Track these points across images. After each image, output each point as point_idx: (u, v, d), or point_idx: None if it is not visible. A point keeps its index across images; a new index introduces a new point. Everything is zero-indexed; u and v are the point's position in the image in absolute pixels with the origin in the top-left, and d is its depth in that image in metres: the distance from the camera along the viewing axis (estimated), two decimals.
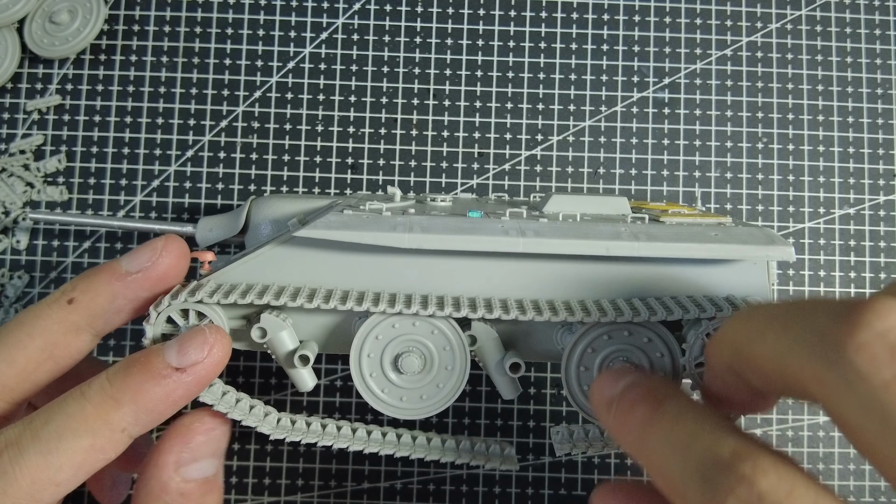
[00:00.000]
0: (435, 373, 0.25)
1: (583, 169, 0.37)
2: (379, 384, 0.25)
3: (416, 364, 0.24)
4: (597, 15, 0.38)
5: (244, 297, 0.24)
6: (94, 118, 0.37)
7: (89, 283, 0.24)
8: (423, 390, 0.25)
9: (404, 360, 0.24)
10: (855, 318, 0.15)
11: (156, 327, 0.24)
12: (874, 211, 0.37)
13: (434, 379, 0.25)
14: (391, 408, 0.25)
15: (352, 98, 0.37)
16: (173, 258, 0.24)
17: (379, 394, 0.25)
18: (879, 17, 0.38)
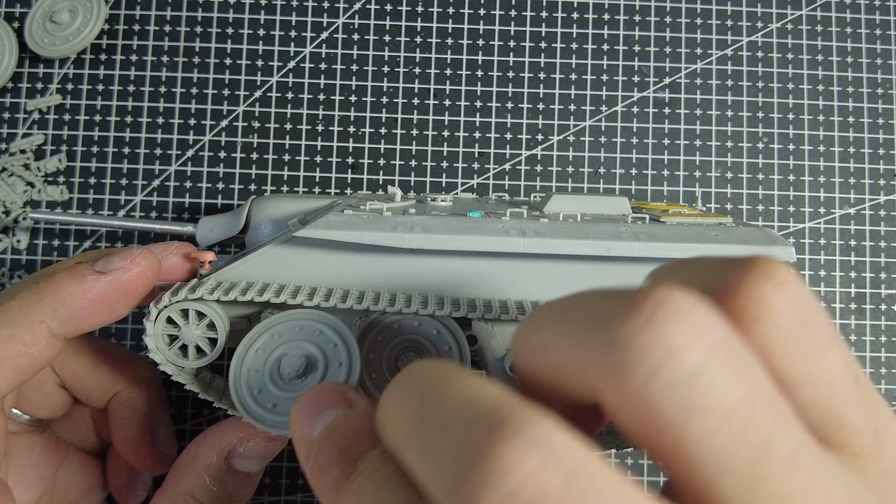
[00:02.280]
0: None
1: (583, 169, 0.37)
2: (377, 386, 0.25)
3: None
4: (597, 15, 0.38)
5: (244, 295, 0.24)
6: (94, 118, 0.37)
7: (61, 273, 0.25)
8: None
9: (403, 361, 0.24)
10: (478, 476, 0.13)
11: (156, 326, 0.24)
12: (874, 211, 0.37)
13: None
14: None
15: (352, 98, 0.37)
16: (143, 268, 0.24)
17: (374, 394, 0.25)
18: (880, 16, 0.38)
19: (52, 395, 0.28)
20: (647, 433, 0.14)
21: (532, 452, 0.13)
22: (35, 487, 0.28)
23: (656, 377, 0.13)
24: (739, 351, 0.14)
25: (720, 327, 0.14)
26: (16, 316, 0.23)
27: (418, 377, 0.16)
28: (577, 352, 0.14)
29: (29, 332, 0.23)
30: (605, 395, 0.14)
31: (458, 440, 0.13)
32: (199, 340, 0.25)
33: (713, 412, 0.13)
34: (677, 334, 0.13)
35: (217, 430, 0.26)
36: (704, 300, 0.14)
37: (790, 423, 0.14)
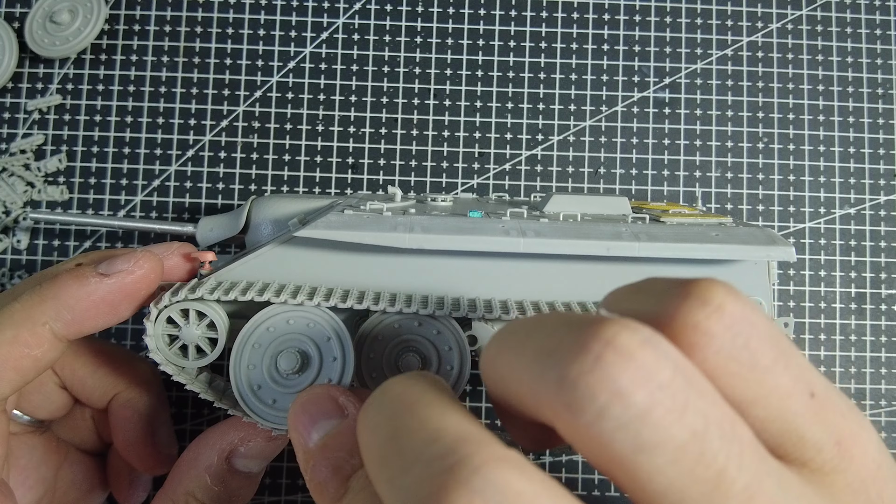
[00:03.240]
0: (440, 372, 0.25)
1: (583, 169, 0.37)
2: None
3: (416, 364, 0.24)
4: (597, 15, 0.38)
5: (244, 294, 0.24)
6: (94, 118, 0.37)
7: (64, 276, 0.25)
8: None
9: (403, 361, 0.24)
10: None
11: (157, 326, 0.24)
12: (875, 211, 0.37)
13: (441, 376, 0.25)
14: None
15: (352, 98, 0.37)
16: (147, 270, 0.25)
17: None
18: (880, 16, 0.38)
19: (52, 396, 0.28)
20: (603, 466, 0.14)
21: (483, 500, 0.13)
22: (36, 488, 0.28)
23: (604, 417, 0.13)
24: (689, 387, 0.14)
25: (669, 365, 0.14)
26: (19, 318, 0.23)
27: (389, 402, 0.16)
28: (533, 385, 0.15)
29: (32, 333, 0.23)
30: (559, 428, 0.14)
31: (416, 481, 0.14)
32: (200, 340, 0.25)
33: (662, 450, 0.13)
34: (624, 375, 0.13)
35: (218, 431, 0.26)
36: (655, 336, 0.14)
37: (745, 454, 0.14)
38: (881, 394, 0.36)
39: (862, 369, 0.36)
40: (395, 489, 0.14)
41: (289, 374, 0.24)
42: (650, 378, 0.13)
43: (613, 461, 0.14)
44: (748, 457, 0.14)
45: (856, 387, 0.36)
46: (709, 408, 0.14)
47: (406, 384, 0.17)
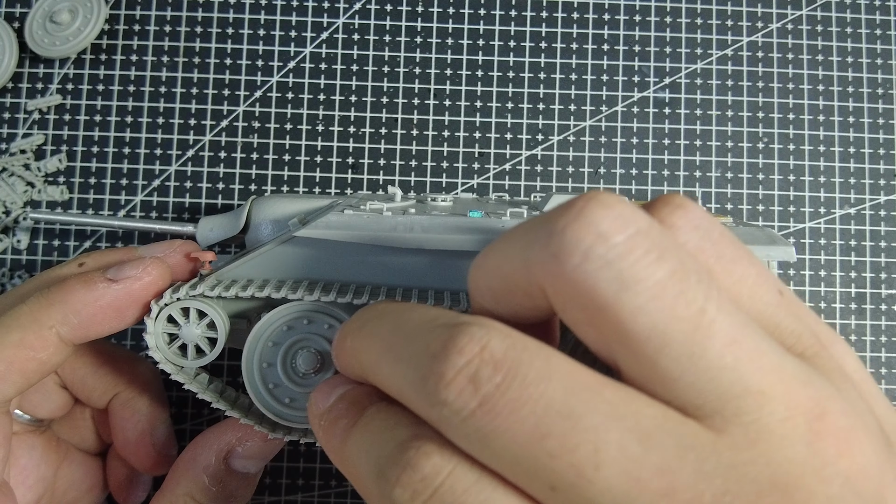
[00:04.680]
0: None
1: (583, 169, 0.37)
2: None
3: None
4: (597, 15, 0.38)
5: (245, 290, 0.24)
6: (94, 118, 0.37)
7: (72, 280, 0.25)
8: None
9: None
10: (440, 360, 0.15)
11: (157, 324, 0.24)
12: (875, 211, 0.37)
13: None
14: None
15: (352, 98, 0.37)
16: (155, 277, 0.25)
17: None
18: (880, 16, 0.38)
19: (52, 395, 0.28)
20: (589, 317, 0.15)
21: (481, 336, 0.15)
22: (36, 487, 0.28)
23: (588, 258, 0.14)
24: (666, 238, 0.15)
25: (645, 217, 0.15)
26: (25, 320, 0.23)
27: (385, 312, 0.18)
28: (523, 253, 0.16)
29: (38, 337, 0.23)
30: (548, 288, 0.15)
31: (424, 343, 0.16)
32: (199, 340, 0.25)
33: (643, 287, 0.14)
34: (605, 220, 0.14)
35: (215, 431, 0.26)
36: (631, 202, 0.15)
37: (724, 301, 0.15)
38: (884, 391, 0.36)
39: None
40: (401, 361, 0.16)
41: (306, 374, 0.24)
42: (629, 223, 0.15)
43: (598, 306, 0.14)
44: (728, 304, 0.15)
45: None
46: (685, 257, 0.15)
47: (389, 301, 0.18)
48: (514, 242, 0.16)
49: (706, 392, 0.14)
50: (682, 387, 0.14)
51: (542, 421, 0.14)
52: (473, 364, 0.15)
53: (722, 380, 0.14)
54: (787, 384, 0.14)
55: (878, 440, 0.15)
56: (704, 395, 0.14)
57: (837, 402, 0.15)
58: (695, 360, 0.14)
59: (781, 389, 0.14)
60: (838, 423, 0.15)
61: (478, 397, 0.14)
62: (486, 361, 0.14)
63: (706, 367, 0.14)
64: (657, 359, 0.14)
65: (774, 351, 0.15)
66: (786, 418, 0.14)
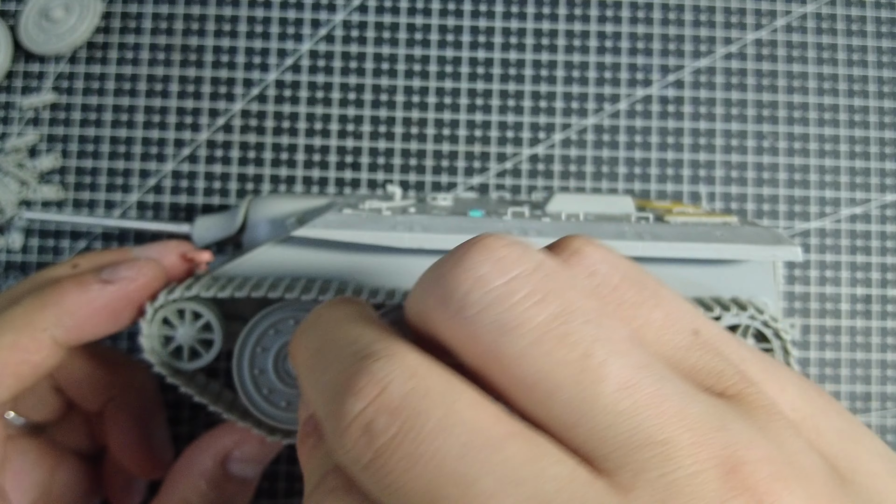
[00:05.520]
0: None
1: (586, 167, 0.36)
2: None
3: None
4: (600, 11, 0.37)
5: (240, 290, 0.23)
6: (89, 116, 0.36)
7: (66, 281, 0.24)
8: None
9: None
10: (340, 402, 0.14)
11: (152, 326, 0.24)
12: (882, 210, 0.36)
13: None
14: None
15: (351, 96, 0.37)
16: (150, 279, 0.24)
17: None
18: (886, 14, 0.37)
19: (47, 399, 0.28)
20: (478, 363, 0.14)
21: (381, 377, 0.14)
22: (30, 492, 0.27)
23: (467, 303, 0.14)
24: (553, 281, 0.14)
25: (532, 261, 0.14)
26: (19, 323, 0.23)
27: (319, 321, 0.18)
28: (422, 297, 0.16)
29: (32, 339, 0.23)
30: (439, 333, 0.15)
31: (335, 375, 0.15)
32: (195, 342, 0.24)
33: (523, 331, 0.14)
34: (485, 264, 0.14)
35: (212, 436, 0.26)
36: (524, 243, 0.15)
37: (617, 342, 0.14)
38: (887, 396, 0.35)
39: (868, 371, 0.35)
40: (319, 388, 0.16)
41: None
42: (510, 268, 0.14)
43: (482, 352, 0.14)
44: (620, 345, 0.14)
45: (862, 389, 0.35)
46: (574, 297, 0.14)
47: (332, 307, 0.18)
48: (417, 289, 0.16)
49: (608, 441, 0.13)
50: (582, 435, 0.13)
51: (433, 483, 0.13)
52: (369, 411, 0.14)
53: (621, 427, 0.13)
54: (695, 431, 0.13)
55: (817, 483, 0.13)
56: (607, 445, 0.13)
57: (758, 447, 0.13)
58: (587, 406, 0.13)
59: (688, 438, 0.13)
60: (758, 472, 0.13)
61: (372, 450, 0.13)
62: (383, 409, 0.14)
63: (601, 413, 0.13)
64: (550, 405, 0.14)
65: (679, 393, 0.14)
66: (695, 472, 0.13)
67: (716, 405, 0.14)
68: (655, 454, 0.13)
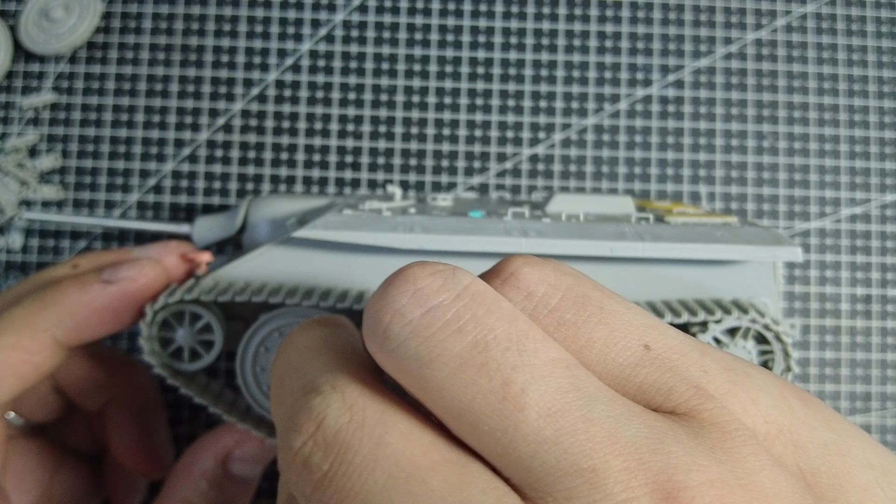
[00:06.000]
0: None
1: (586, 167, 0.36)
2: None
3: None
4: (600, 11, 0.37)
5: (241, 295, 0.23)
6: (89, 116, 0.36)
7: (67, 282, 0.24)
8: None
9: None
10: (284, 437, 0.15)
11: (152, 328, 0.24)
12: (882, 210, 0.36)
13: None
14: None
15: (351, 96, 0.37)
16: (151, 279, 0.24)
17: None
18: (886, 14, 0.37)
19: (48, 399, 0.28)
20: (412, 393, 0.15)
21: (317, 413, 0.14)
22: (31, 492, 0.27)
23: (388, 336, 0.14)
24: (475, 307, 0.14)
25: (453, 289, 0.14)
26: (20, 323, 0.23)
27: (286, 350, 0.18)
28: (363, 328, 0.16)
29: (33, 339, 0.23)
30: (379, 364, 0.15)
31: (286, 409, 0.15)
32: (195, 344, 0.24)
33: (441, 363, 0.14)
34: (403, 297, 0.14)
35: (213, 436, 0.26)
36: (450, 269, 0.15)
37: (542, 366, 0.13)
38: (887, 396, 0.35)
39: (868, 371, 0.35)
40: (277, 420, 0.16)
41: None
42: (428, 299, 0.14)
43: (410, 383, 0.14)
44: (544, 370, 0.13)
45: (862, 389, 0.35)
46: (495, 323, 0.14)
47: (302, 332, 0.18)
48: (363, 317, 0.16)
49: (533, 469, 0.13)
50: (509, 464, 0.13)
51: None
52: (308, 446, 0.14)
53: (545, 456, 0.13)
54: (627, 456, 0.12)
55: (777, 500, 0.13)
56: (532, 473, 0.13)
57: (702, 470, 0.12)
58: (509, 435, 0.13)
59: (619, 463, 0.12)
60: (699, 497, 0.12)
61: (311, 484, 0.14)
62: (319, 444, 0.14)
63: (523, 442, 0.13)
64: (475, 435, 0.13)
65: (610, 416, 0.13)
66: (626, 500, 0.12)
67: (654, 427, 0.13)
68: (583, 482, 0.12)
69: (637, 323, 0.15)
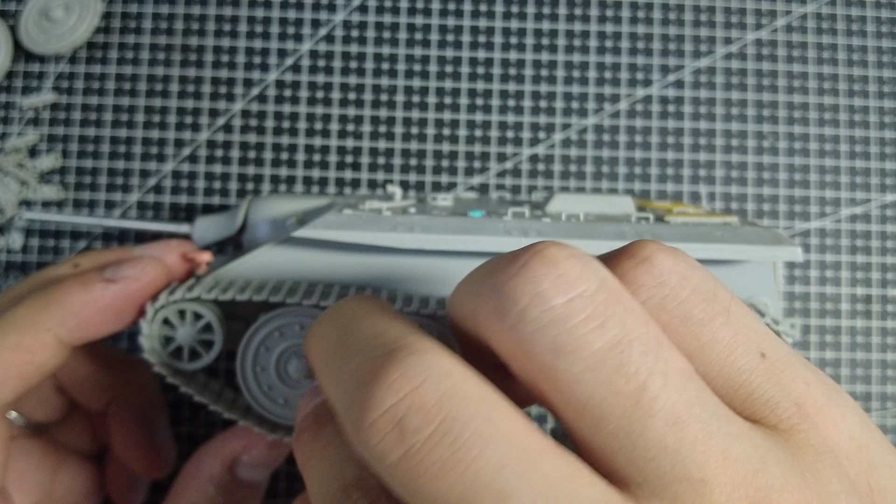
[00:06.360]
0: None
1: (586, 167, 0.36)
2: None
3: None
4: (600, 11, 0.37)
5: (242, 293, 0.23)
6: (90, 116, 0.36)
7: (69, 281, 0.24)
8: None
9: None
10: (366, 394, 0.14)
11: (152, 326, 0.24)
12: (882, 210, 0.36)
13: None
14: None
15: (351, 96, 0.37)
16: (153, 277, 0.24)
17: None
18: (886, 14, 0.37)
19: (49, 399, 0.28)
20: (528, 378, 0.14)
21: (415, 374, 0.13)
22: (34, 492, 0.27)
23: (524, 320, 0.14)
24: (615, 303, 0.14)
25: (594, 279, 0.14)
26: (22, 323, 0.23)
27: (341, 313, 0.17)
28: (471, 301, 0.15)
29: (35, 339, 0.23)
30: (490, 341, 0.15)
31: (358, 366, 0.14)
32: (196, 343, 0.24)
33: (579, 356, 0.13)
34: (545, 280, 0.14)
35: (220, 440, 0.26)
36: (586, 255, 0.14)
37: (672, 375, 0.14)
38: (887, 396, 0.35)
39: (869, 371, 0.35)
40: (339, 378, 0.15)
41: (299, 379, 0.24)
42: (572, 286, 0.14)
43: (535, 369, 0.14)
44: (675, 379, 0.14)
45: (862, 389, 0.35)
46: (634, 324, 0.14)
47: (354, 301, 0.17)
48: (468, 287, 0.16)
49: (645, 471, 0.13)
50: (621, 461, 0.13)
51: (468, 491, 0.13)
52: (401, 406, 0.13)
53: (662, 461, 0.13)
54: (734, 472, 0.13)
55: None
56: (644, 475, 0.13)
57: (793, 491, 0.13)
58: (633, 437, 0.13)
59: (725, 478, 0.13)
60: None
61: (402, 448, 0.13)
62: (416, 407, 0.13)
63: (645, 446, 0.13)
64: (595, 430, 0.14)
65: (724, 434, 0.14)
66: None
67: (759, 447, 0.14)
68: (691, 490, 0.13)
69: (756, 328, 0.16)
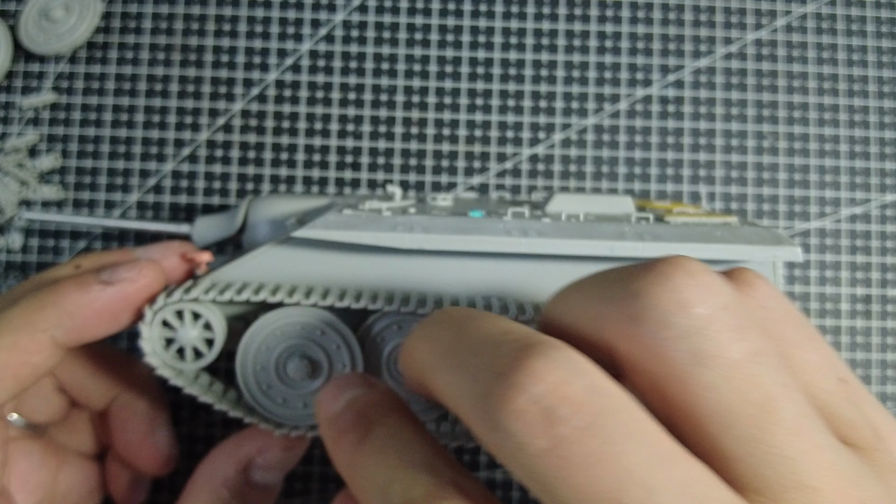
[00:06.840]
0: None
1: (586, 167, 0.36)
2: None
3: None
4: (600, 11, 0.37)
5: (240, 294, 0.23)
6: (89, 116, 0.36)
7: (66, 282, 0.24)
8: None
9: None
10: (509, 382, 0.14)
11: (152, 329, 0.24)
12: (882, 210, 0.36)
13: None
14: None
15: (351, 96, 0.37)
16: (150, 280, 0.24)
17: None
18: (886, 14, 0.37)
19: (50, 400, 0.28)
20: (658, 383, 0.15)
21: (560, 366, 0.14)
22: (35, 493, 0.27)
23: (667, 326, 0.14)
24: (747, 316, 0.15)
25: (729, 292, 0.15)
26: (19, 323, 0.23)
27: (449, 317, 0.17)
28: (597, 308, 0.15)
29: (32, 340, 0.23)
30: (618, 345, 0.15)
31: (491, 358, 0.14)
32: (196, 342, 0.24)
33: (718, 364, 0.14)
34: (688, 289, 0.14)
35: (233, 442, 0.26)
36: (709, 267, 0.15)
37: (794, 390, 0.14)
38: (887, 396, 0.35)
39: (869, 371, 0.35)
40: (462, 371, 0.15)
41: (299, 379, 0.24)
42: (713, 295, 0.14)
43: (669, 375, 0.14)
44: (797, 394, 0.14)
45: None
46: (762, 338, 0.15)
47: (458, 308, 0.18)
48: (591, 293, 0.16)
49: (765, 478, 0.14)
50: (743, 468, 0.14)
51: (618, 485, 0.13)
52: (551, 397, 0.13)
53: (781, 469, 0.14)
54: (840, 483, 0.14)
55: None
56: (763, 481, 0.14)
57: (880, 502, 0.14)
58: (758, 444, 0.14)
59: (833, 488, 0.14)
60: None
61: (550, 437, 0.13)
62: (566, 399, 0.13)
63: (768, 453, 0.14)
64: (721, 437, 0.14)
65: (832, 447, 0.15)
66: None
67: (854, 462, 0.15)
68: (804, 497, 0.14)
69: (836, 356, 0.17)
